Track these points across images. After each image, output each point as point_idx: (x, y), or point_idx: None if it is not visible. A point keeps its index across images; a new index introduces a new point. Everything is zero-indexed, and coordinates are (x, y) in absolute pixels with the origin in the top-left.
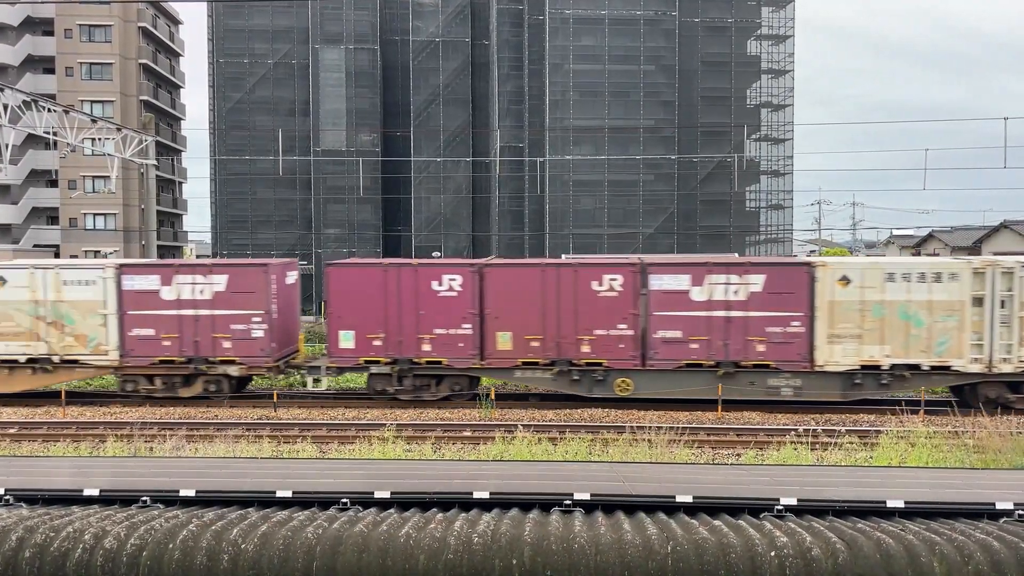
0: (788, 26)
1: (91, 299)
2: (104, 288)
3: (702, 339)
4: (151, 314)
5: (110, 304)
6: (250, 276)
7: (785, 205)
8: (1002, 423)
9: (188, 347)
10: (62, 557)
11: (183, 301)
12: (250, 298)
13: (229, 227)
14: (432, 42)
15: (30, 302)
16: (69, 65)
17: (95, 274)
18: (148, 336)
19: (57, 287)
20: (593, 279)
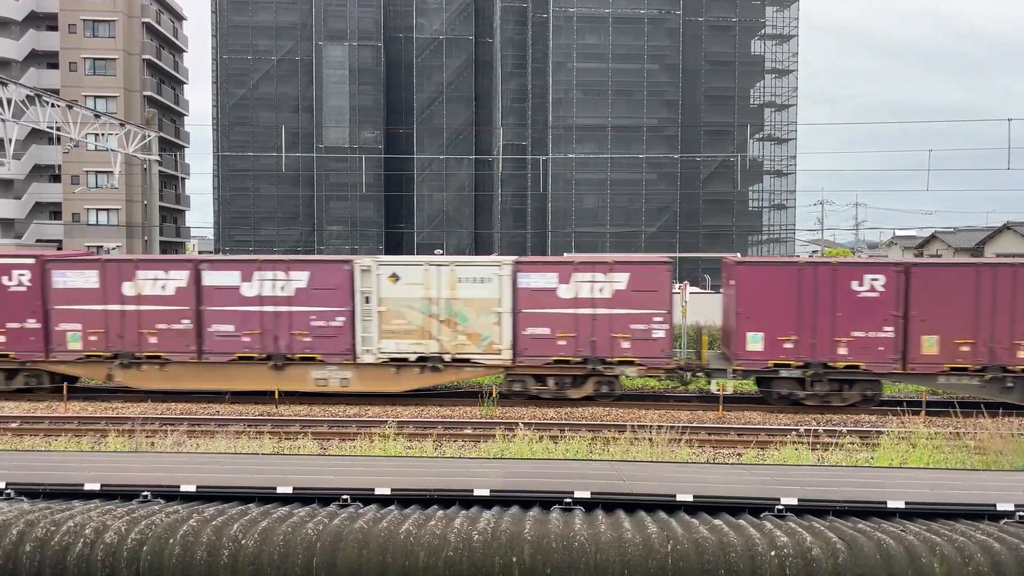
0: (792, 26)
1: (486, 297)
2: (500, 285)
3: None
4: (547, 312)
5: (505, 302)
6: (652, 275)
7: (788, 205)
8: (1003, 424)
9: (584, 347)
10: (63, 551)
11: (580, 300)
12: (652, 297)
13: (232, 223)
14: (436, 39)
15: (423, 299)
16: (73, 60)
17: (491, 271)
18: (543, 335)
19: (452, 284)
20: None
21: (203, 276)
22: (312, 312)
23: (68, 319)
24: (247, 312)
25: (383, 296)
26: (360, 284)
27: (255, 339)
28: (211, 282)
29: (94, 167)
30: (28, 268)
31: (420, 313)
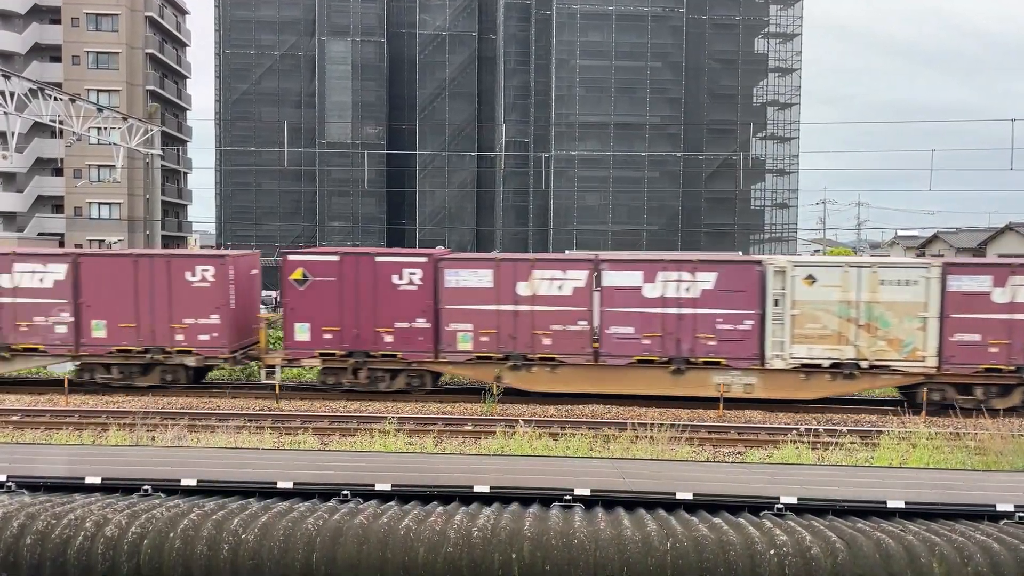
0: (796, 24)
1: (910, 300)
2: (927, 289)
3: None
4: (980, 318)
5: (932, 306)
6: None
7: (790, 204)
8: (1004, 425)
9: (1019, 355)
10: (63, 544)
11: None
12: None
13: (233, 218)
14: (439, 36)
15: (840, 302)
16: (76, 54)
17: (918, 274)
18: (973, 342)
19: (873, 287)
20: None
21: (603, 276)
22: (719, 315)
23: (460, 319)
24: (648, 314)
25: (797, 299)
26: (772, 286)
27: (655, 342)
28: (611, 282)
29: (96, 161)
30: (420, 267)
31: (836, 317)
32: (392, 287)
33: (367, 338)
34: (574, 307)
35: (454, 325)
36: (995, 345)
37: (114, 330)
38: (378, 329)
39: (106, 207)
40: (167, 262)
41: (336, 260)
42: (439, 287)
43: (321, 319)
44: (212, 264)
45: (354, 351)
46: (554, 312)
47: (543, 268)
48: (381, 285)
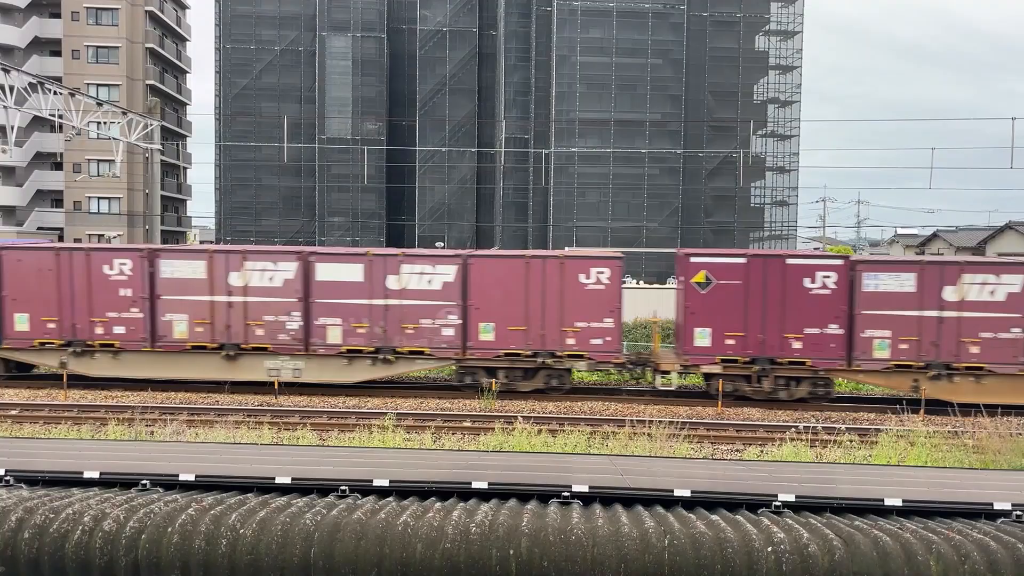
0: (797, 22)
1: None
2: None
3: None
4: None
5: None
6: None
7: (790, 202)
8: (1002, 424)
9: None
10: (61, 538)
11: None
12: None
13: (233, 213)
14: (439, 31)
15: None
16: (75, 48)
17: None
18: None
19: None
20: None
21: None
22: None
23: (878, 325)
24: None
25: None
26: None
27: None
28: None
29: (96, 155)
30: (835, 269)
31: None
32: (803, 291)
33: (773, 344)
34: (1008, 314)
35: (870, 332)
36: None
37: (503, 333)
38: (786, 335)
39: (106, 202)
40: (560, 263)
41: (742, 262)
42: (855, 292)
43: (724, 324)
44: (608, 266)
45: (758, 357)
46: (983, 319)
47: (973, 272)
48: (791, 289)
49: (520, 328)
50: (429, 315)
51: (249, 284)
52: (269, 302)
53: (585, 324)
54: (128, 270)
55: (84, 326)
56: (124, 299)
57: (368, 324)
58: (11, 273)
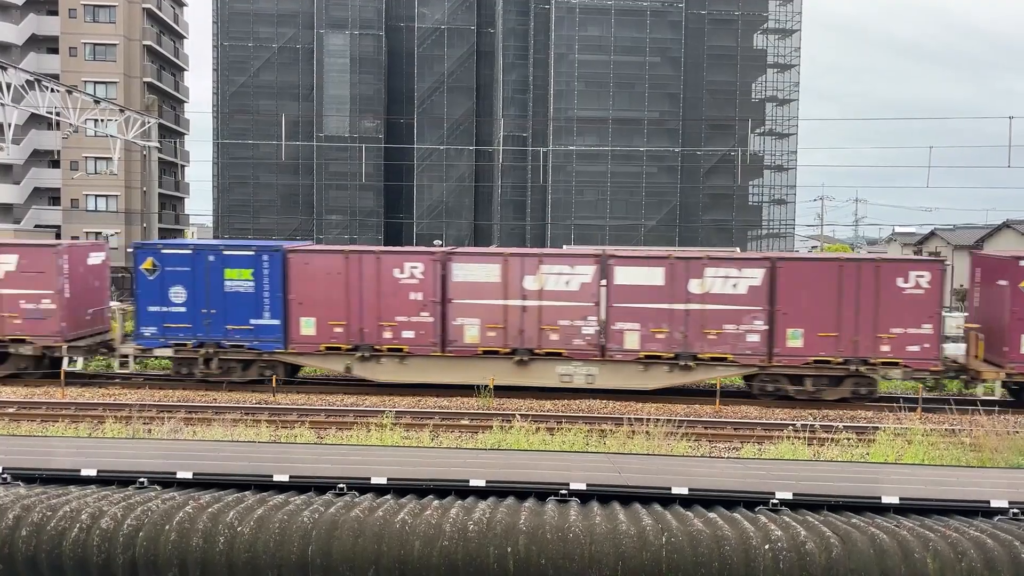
0: (795, 20)
1: None
2: None
3: None
4: None
5: None
6: None
7: (788, 200)
8: (999, 422)
9: None
10: (58, 536)
11: None
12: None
13: (231, 211)
14: (437, 29)
15: None
16: (73, 45)
17: None
18: None
19: None
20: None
21: None
22: None
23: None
24: None
25: None
26: None
27: None
28: None
29: (93, 153)
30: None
31: None
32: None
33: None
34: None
35: None
36: None
37: (812, 339)
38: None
39: (103, 199)
40: (876, 267)
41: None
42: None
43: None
44: (928, 270)
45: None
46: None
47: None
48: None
49: (831, 335)
50: (733, 320)
51: (545, 288)
52: (565, 306)
53: (901, 330)
54: (420, 273)
55: (372, 330)
56: (414, 303)
57: (668, 329)
58: (298, 276)
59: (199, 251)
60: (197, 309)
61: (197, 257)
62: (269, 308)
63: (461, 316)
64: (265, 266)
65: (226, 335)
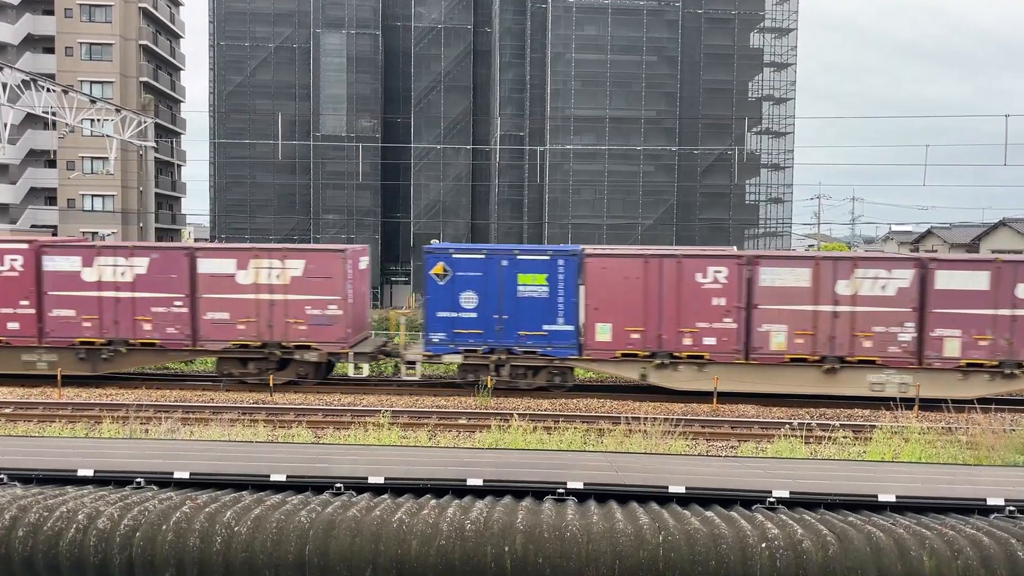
0: (791, 19)
1: None
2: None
3: None
4: None
5: None
6: None
7: (785, 199)
8: (995, 420)
9: None
10: (55, 536)
11: None
12: None
13: (228, 211)
14: (434, 28)
15: None
16: (69, 45)
17: None
18: None
19: None
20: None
21: None
22: None
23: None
24: None
25: None
26: None
27: None
28: None
29: (90, 152)
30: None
31: None
32: None
33: None
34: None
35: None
36: None
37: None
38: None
39: (99, 199)
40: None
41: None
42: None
43: None
44: None
45: None
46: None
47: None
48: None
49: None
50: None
51: (858, 293)
52: (880, 312)
53: None
54: (724, 278)
55: (671, 336)
56: (717, 308)
57: (992, 336)
58: (594, 281)
59: (492, 255)
60: (488, 315)
61: (489, 262)
62: (563, 313)
63: (767, 322)
64: (560, 270)
65: (518, 341)
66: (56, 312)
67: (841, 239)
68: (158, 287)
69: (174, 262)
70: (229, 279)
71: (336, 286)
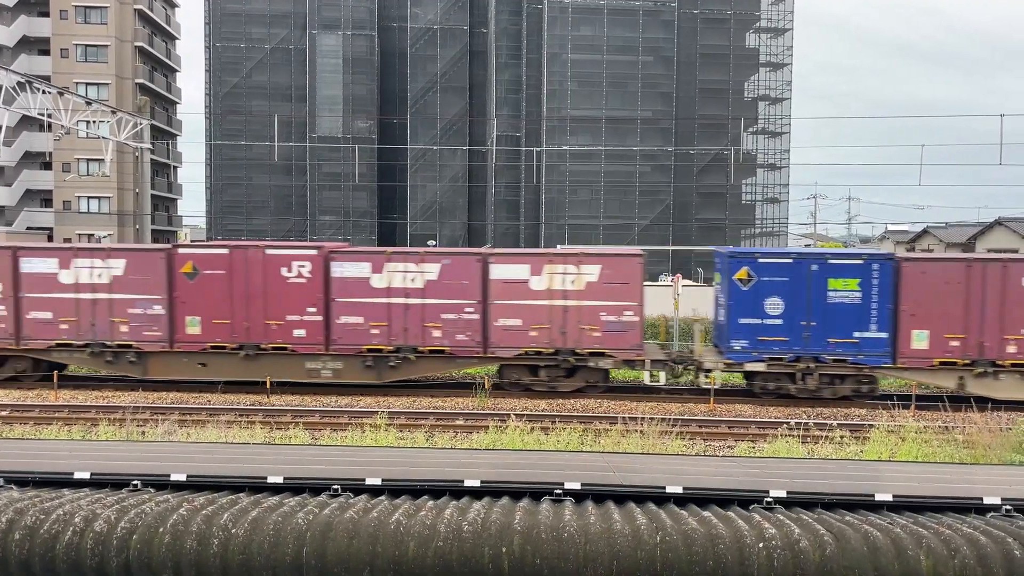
0: (787, 19)
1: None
2: None
3: None
4: None
5: None
6: None
7: (781, 199)
8: (992, 419)
9: None
10: (52, 539)
11: None
12: None
13: (224, 212)
14: (430, 29)
15: None
16: (64, 47)
17: None
18: None
19: None
20: None
21: None
22: None
23: None
24: None
25: None
26: None
27: None
28: None
29: (85, 154)
30: None
31: None
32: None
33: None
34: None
35: None
36: None
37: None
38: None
39: (95, 201)
40: None
41: None
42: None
43: None
44: None
45: None
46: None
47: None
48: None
49: None
50: None
51: None
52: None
53: None
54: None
55: (993, 345)
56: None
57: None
58: (911, 286)
59: (800, 260)
60: (795, 321)
61: (797, 266)
62: (876, 320)
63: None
64: (875, 275)
65: (826, 348)
66: (343, 319)
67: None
68: (450, 293)
69: (465, 267)
70: (522, 285)
71: (633, 292)
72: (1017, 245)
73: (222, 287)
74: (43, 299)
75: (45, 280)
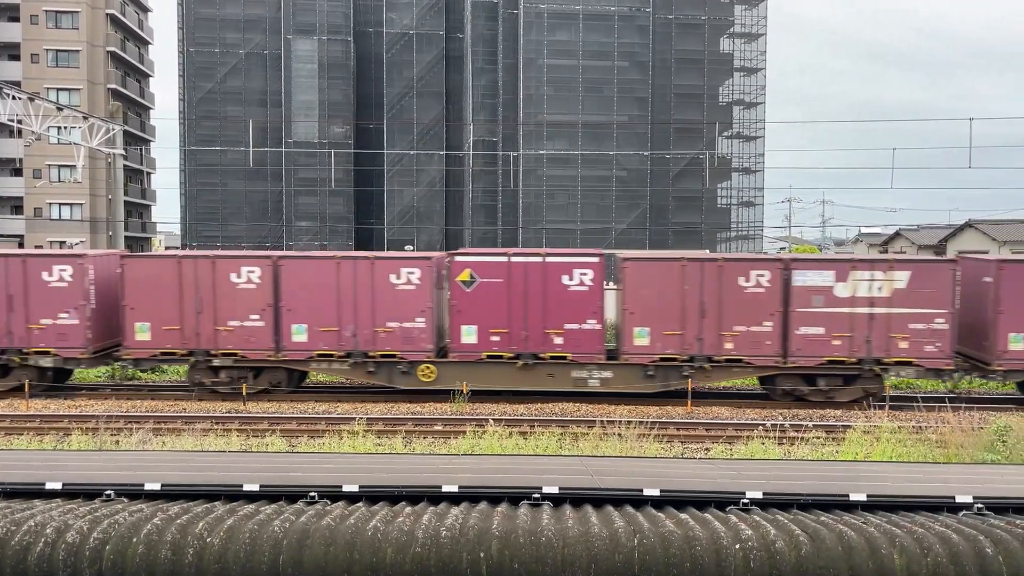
0: (761, 24)
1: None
2: None
3: None
4: None
5: None
6: None
7: (756, 202)
8: (965, 419)
9: None
10: (23, 551)
11: None
12: None
13: (199, 219)
14: (406, 34)
15: None
16: (35, 52)
17: None
18: None
19: None
20: None
21: None
22: None
23: None
24: None
25: None
26: None
27: None
28: None
29: (57, 161)
30: None
31: None
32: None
33: None
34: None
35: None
36: None
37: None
38: None
39: (67, 208)
40: None
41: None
42: None
43: None
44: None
45: None
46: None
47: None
48: None
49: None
50: None
51: None
52: None
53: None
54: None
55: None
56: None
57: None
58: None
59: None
60: None
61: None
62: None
63: None
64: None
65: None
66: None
67: (812, 241)
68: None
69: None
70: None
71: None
72: (987, 247)
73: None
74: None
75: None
